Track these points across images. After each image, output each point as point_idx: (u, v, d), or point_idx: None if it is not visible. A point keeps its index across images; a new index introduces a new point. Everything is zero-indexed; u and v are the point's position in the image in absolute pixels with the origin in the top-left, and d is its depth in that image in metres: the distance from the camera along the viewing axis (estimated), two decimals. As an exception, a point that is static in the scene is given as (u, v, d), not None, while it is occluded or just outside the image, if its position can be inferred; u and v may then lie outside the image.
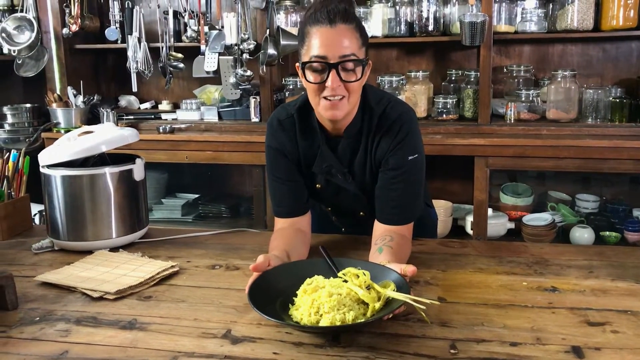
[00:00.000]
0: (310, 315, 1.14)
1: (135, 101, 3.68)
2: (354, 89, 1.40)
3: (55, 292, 1.37)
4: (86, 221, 1.65)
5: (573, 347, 1.08)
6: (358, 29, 1.40)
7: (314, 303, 1.15)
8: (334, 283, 1.21)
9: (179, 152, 3.09)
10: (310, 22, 1.40)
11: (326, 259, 1.37)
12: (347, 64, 1.37)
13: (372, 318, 1.14)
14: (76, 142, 1.65)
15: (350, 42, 1.37)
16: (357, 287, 1.18)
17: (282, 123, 1.56)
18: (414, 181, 1.51)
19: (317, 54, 1.37)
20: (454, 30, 2.93)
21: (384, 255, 1.36)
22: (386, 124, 1.48)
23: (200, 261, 1.58)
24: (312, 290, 1.19)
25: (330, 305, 1.13)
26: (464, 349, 1.08)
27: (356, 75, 1.39)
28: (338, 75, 1.37)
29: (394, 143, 1.47)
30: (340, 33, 1.37)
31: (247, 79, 3.12)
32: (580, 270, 1.47)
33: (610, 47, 3.08)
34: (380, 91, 1.58)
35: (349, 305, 1.16)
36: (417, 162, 1.49)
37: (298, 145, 1.55)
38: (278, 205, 1.61)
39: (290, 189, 1.59)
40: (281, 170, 1.58)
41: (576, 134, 2.75)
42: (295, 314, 1.17)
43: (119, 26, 3.29)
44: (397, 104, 1.51)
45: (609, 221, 2.96)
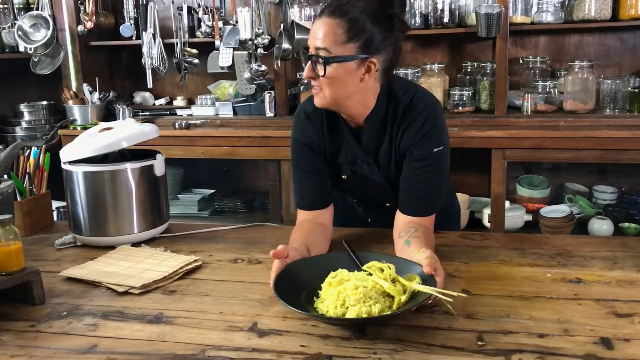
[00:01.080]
0: (336, 308, 1.14)
1: (150, 97, 3.69)
2: (326, 83, 1.39)
3: (80, 287, 1.39)
4: (108, 217, 1.66)
5: (601, 338, 1.08)
6: (347, 24, 1.36)
7: (339, 296, 1.16)
8: (359, 276, 1.21)
9: (195, 147, 3.10)
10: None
11: (349, 253, 1.37)
12: (315, 57, 1.38)
13: (398, 310, 1.14)
14: (97, 138, 1.66)
15: (328, 36, 1.36)
16: (382, 280, 1.18)
17: (310, 116, 1.57)
18: (438, 173, 1.51)
19: (308, 43, 1.42)
20: (469, 22, 2.91)
21: (415, 246, 1.35)
22: (412, 114, 1.48)
23: (222, 255, 1.58)
24: (338, 283, 1.19)
25: (356, 298, 1.14)
26: (491, 340, 1.08)
27: (319, 71, 1.38)
28: (312, 65, 1.39)
29: (419, 134, 1.46)
30: (322, 25, 1.38)
31: (261, 73, 3.12)
32: (604, 261, 1.46)
33: (628, 36, 3.04)
34: (406, 81, 1.57)
35: (375, 297, 1.16)
36: (442, 154, 1.49)
37: (325, 137, 1.56)
38: (302, 198, 1.61)
39: (316, 183, 1.59)
40: (307, 163, 1.59)
41: (594, 125, 2.73)
42: (321, 306, 1.18)
43: (133, 23, 3.30)
44: (424, 95, 1.50)
45: (628, 212, 2.94)
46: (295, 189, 1.64)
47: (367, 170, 1.57)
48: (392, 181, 1.57)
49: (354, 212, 1.81)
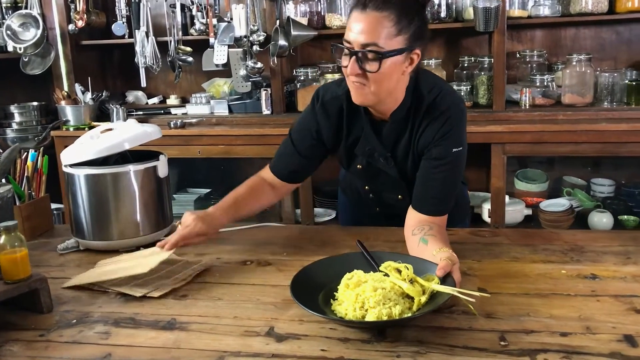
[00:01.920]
0: (355, 310, 1.12)
1: (142, 96, 3.64)
2: (374, 79, 1.36)
3: (88, 293, 1.36)
4: (111, 220, 1.63)
5: (625, 335, 1.07)
6: (395, 16, 1.33)
7: (358, 298, 1.14)
8: (376, 277, 1.19)
9: (191, 147, 3.06)
10: (353, 3, 1.39)
11: (364, 253, 1.35)
12: (368, 54, 1.34)
13: (420, 312, 1.12)
14: (99, 140, 1.62)
15: (378, 31, 1.32)
16: (401, 281, 1.16)
17: (327, 106, 1.56)
18: (455, 173, 1.50)
19: (346, 37, 1.36)
20: (466, 17, 2.90)
21: (433, 244, 1.34)
22: (434, 113, 1.46)
23: (230, 257, 1.56)
24: (355, 285, 1.17)
25: (375, 300, 1.12)
26: (513, 340, 1.07)
27: (372, 67, 1.34)
28: (358, 63, 1.35)
29: (439, 134, 1.45)
30: (369, 20, 1.33)
31: (257, 71, 3.08)
32: (617, 256, 1.45)
33: (624, 29, 3.04)
34: (433, 78, 1.55)
35: (394, 299, 1.14)
36: (460, 154, 1.48)
37: (341, 127, 1.55)
38: (280, 165, 1.66)
39: (300, 162, 1.63)
40: (304, 144, 1.61)
41: (593, 118, 2.73)
42: (339, 309, 1.16)
43: (125, 21, 3.25)
44: (448, 94, 1.48)
45: (626, 205, 2.94)
46: (279, 153, 1.67)
47: (382, 164, 1.56)
48: (406, 176, 1.56)
49: (363, 200, 1.80)
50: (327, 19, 3.06)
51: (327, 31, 3.06)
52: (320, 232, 1.79)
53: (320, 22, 3.08)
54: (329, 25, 3.05)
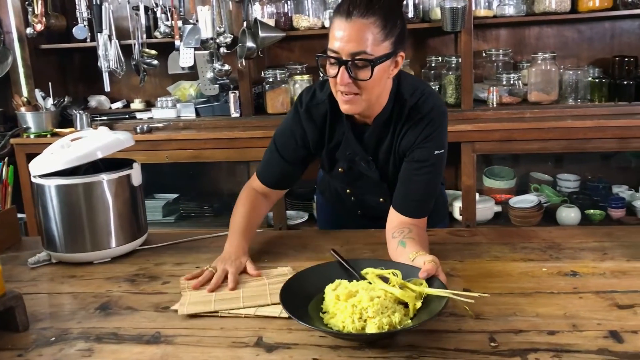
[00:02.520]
0: (353, 322, 1.09)
1: (105, 101, 3.55)
2: (366, 87, 1.36)
3: (65, 309, 1.31)
4: (84, 231, 1.58)
5: (610, 332, 1.09)
6: (381, 22, 1.31)
7: (354, 309, 1.11)
8: (365, 286, 1.18)
9: (158, 152, 3.00)
10: (335, 10, 1.37)
11: (341, 262, 1.33)
12: (358, 62, 1.32)
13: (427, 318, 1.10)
14: (70, 149, 1.57)
15: (365, 38, 1.30)
16: (393, 287, 1.16)
17: (311, 111, 1.54)
18: (436, 175, 1.50)
19: (332, 47, 1.34)
20: (433, 17, 2.92)
21: (411, 247, 1.34)
22: (416, 116, 1.46)
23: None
24: (347, 296, 1.14)
25: (374, 310, 1.09)
26: (503, 341, 1.07)
27: (366, 74, 1.33)
28: (348, 72, 1.33)
29: (422, 136, 1.45)
30: (356, 28, 1.30)
31: (225, 73, 3.05)
32: (594, 252, 1.48)
33: (585, 28, 3.12)
34: (416, 81, 1.54)
35: (391, 307, 1.13)
36: (441, 157, 1.48)
37: (325, 132, 1.54)
38: (267, 173, 1.64)
39: (286, 167, 1.61)
40: (289, 150, 1.58)
41: (559, 115, 2.79)
42: (334, 322, 1.12)
43: (87, 24, 3.17)
44: (430, 98, 1.48)
45: (592, 199, 3.01)
46: (265, 160, 1.65)
47: (364, 167, 1.56)
48: (388, 179, 1.56)
49: (345, 204, 1.79)
50: (294, 20, 3.04)
51: (295, 32, 3.04)
52: (300, 236, 1.78)
53: (288, 23, 3.06)
54: (297, 26, 3.04)
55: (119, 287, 1.42)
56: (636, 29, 3.09)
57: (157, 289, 1.40)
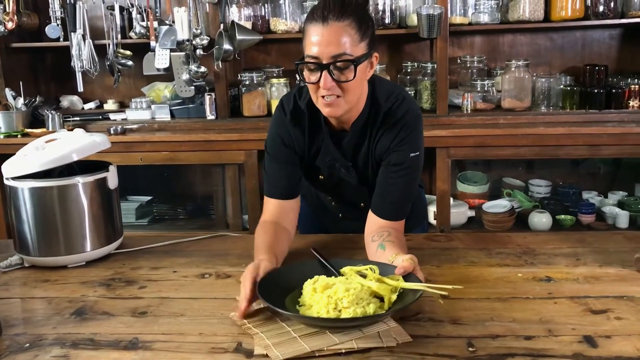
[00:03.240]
0: (328, 312, 1.12)
1: (78, 101, 3.50)
2: (348, 88, 1.37)
3: (39, 314, 1.28)
4: (59, 235, 1.55)
5: (585, 336, 1.11)
6: (356, 24, 1.34)
7: (330, 299, 1.13)
8: (342, 280, 1.20)
9: (132, 153, 2.96)
10: (308, 18, 1.37)
11: (321, 261, 1.34)
12: (340, 64, 1.34)
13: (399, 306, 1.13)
14: (45, 151, 1.54)
15: (344, 40, 1.33)
16: (370, 281, 1.17)
17: (295, 116, 1.53)
18: (413, 178, 1.51)
19: (310, 53, 1.35)
20: (409, 23, 2.95)
21: (390, 250, 1.35)
22: (391, 121, 1.47)
23: (187, 270, 1.51)
24: (324, 288, 1.17)
25: (349, 300, 1.12)
26: (481, 346, 1.09)
27: (348, 75, 1.35)
28: (331, 75, 1.34)
29: (397, 140, 1.46)
30: (333, 32, 1.32)
31: (201, 75, 3.03)
32: (567, 258, 1.51)
33: (557, 36, 3.18)
34: (390, 86, 1.55)
35: (367, 299, 1.15)
36: (417, 159, 1.49)
37: (304, 140, 1.54)
38: (272, 185, 1.58)
39: (287, 171, 1.57)
40: (282, 155, 1.56)
41: (532, 122, 2.84)
42: (309, 313, 1.15)
43: (60, 23, 3.11)
44: (405, 102, 1.50)
45: (563, 205, 3.07)
46: (267, 177, 1.60)
47: (344, 173, 1.57)
48: (368, 183, 1.57)
49: (326, 207, 1.80)
50: (271, 23, 3.04)
51: (272, 35, 3.04)
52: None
53: (265, 26, 3.05)
54: (274, 29, 3.03)
55: (95, 291, 1.40)
56: (606, 39, 3.17)
57: (133, 294, 1.38)
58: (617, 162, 3.29)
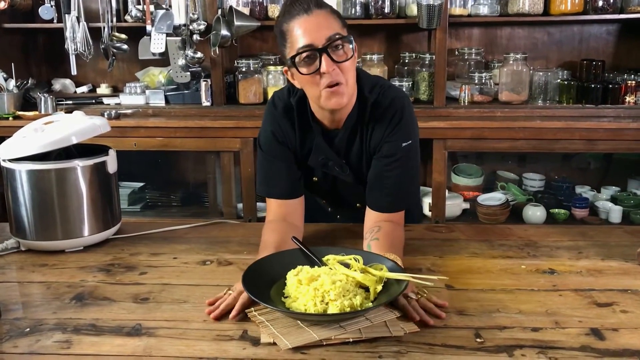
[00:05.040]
0: (315, 305, 1.11)
1: (71, 85, 3.44)
2: (348, 68, 1.36)
3: (39, 299, 1.26)
4: (56, 219, 1.52)
5: (592, 329, 1.11)
6: (333, 12, 1.38)
7: (316, 292, 1.12)
8: (327, 271, 1.19)
9: (126, 139, 2.92)
10: (285, 19, 1.37)
11: (302, 249, 1.32)
12: (336, 43, 1.33)
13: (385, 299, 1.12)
14: (44, 133, 1.51)
15: (331, 23, 1.35)
16: (354, 272, 1.17)
17: (287, 111, 1.51)
18: (409, 168, 1.49)
19: (303, 44, 1.33)
20: (408, 13, 2.93)
21: (375, 250, 1.34)
22: (379, 111, 1.45)
23: (187, 257, 1.50)
24: (309, 280, 1.16)
25: (336, 293, 1.12)
26: (489, 337, 1.08)
27: (347, 54, 1.35)
28: (330, 57, 1.32)
29: (387, 130, 1.44)
30: (319, 17, 1.34)
31: (197, 61, 2.99)
32: (569, 251, 1.51)
33: (555, 30, 3.18)
34: (373, 78, 1.54)
35: (353, 290, 1.15)
36: (411, 148, 1.47)
37: (296, 134, 1.51)
38: (273, 186, 1.54)
39: (287, 170, 1.53)
40: (278, 152, 1.53)
41: (529, 115, 2.84)
42: (295, 306, 1.13)
43: (54, 4, 3.06)
44: (390, 90, 1.48)
45: (557, 198, 3.08)
46: (264, 177, 1.56)
47: (338, 172, 1.54)
48: (363, 181, 1.54)
49: (323, 210, 1.77)
50: (269, 9, 3.01)
51: (270, 22, 3.00)
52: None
53: (263, 12, 3.02)
54: (272, 16, 3.00)
55: (94, 277, 1.38)
56: (603, 34, 3.18)
57: (134, 280, 1.36)
58: (608, 157, 3.31)
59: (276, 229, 1.47)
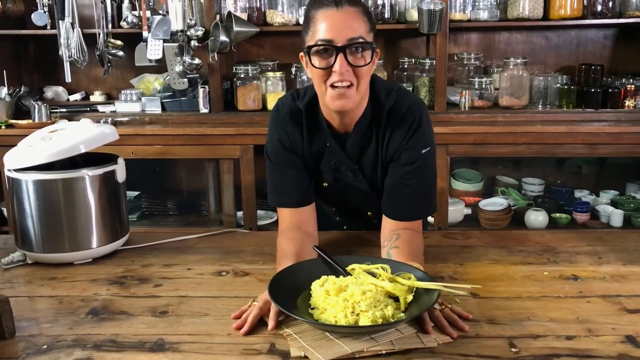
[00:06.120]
0: (346, 317, 1.08)
1: (63, 92, 3.38)
2: (363, 74, 1.32)
3: (52, 314, 1.21)
4: (64, 230, 1.48)
5: (627, 336, 1.09)
6: (365, 13, 1.33)
7: (346, 303, 1.09)
8: (354, 281, 1.16)
9: (123, 147, 2.84)
10: (315, 6, 1.33)
11: (326, 258, 1.29)
12: (356, 47, 1.29)
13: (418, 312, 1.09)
14: (52, 142, 1.47)
15: (358, 24, 1.30)
16: (383, 281, 1.14)
17: (293, 116, 1.47)
18: (428, 175, 1.46)
19: (323, 37, 1.29)
20: (408, 18, 2.91)
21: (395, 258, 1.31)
22: (397, 117, 1.42)
23: (202, 268, 1.46)
24: (338, 290, 1.12)
25: (367, 304, 1.08)
26: (523, 346, 1.06)
27: (365, 59, 1.31)
28: (346, 59, 1.29)
29: (407, 137, 1.42)
30: (348, 15, 1.29)
31: (195, 67, 2.94)
32: (589, 256, 1.49)
33: (553, 35, 3.19)
34: (388, 83, 1.51)
35: (384, 301, 1.12)
36: (429, 155, 1.45)
37: (304, 140, 1.48)
38: (284, 194, 1.50)
39: (296, 176, 1.49)
40: (287, 159, 1.49)
41: (530, 120, 2.83)
42: (324, 317, 1.10)
43: (47, 10, 3.00)
44: (407, 96, 1.45)
45: (557, 203, 3.08)
46: (273, 187, 1.52)
47: (351, 177, 1.51)
48: (376, 187, 1.51)
49: (330, 220, 1.73)
50: (268, 15, 2.98)
51: (268, 28, 2.98)
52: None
53: (261, 18, 2.99)
54: (270, 22, 2.97)
55: (107, 290, 1.34)
56: (600, 38, 3.19)
57: (149, 292, 1.32)
58: (602, 161, 3.31)
59: (293, 237, 1.43)
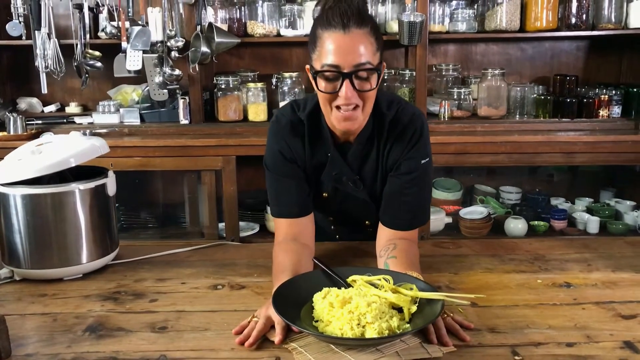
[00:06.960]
0: (352, 329, 1.07)
1: (37, 104, 3.32)
2: (369, 97, 1.33)
3: (48, 332, 1.18)
4: (52, 246, 1.45)
5: (625, 342, 1.11)
6: (373, 31, 1.30)
7: (352, 315, 1.09)
8: (357, 292, 1.16)
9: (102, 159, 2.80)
10: (322, 25, 1.30)
11: (325, 270, 1.29)
12: (362, 73, 1.28)
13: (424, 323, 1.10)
14: (41, 155, 1.43)
15: (365, 48, 1.27)
16: (386, 293, 1.15)
17: (294, 126, 1.47)
18: (425, 185, 1.48)
19: (330, 62, 1.27)
20: (388, 30, 2.95)
21: (393, 268, 1.32)
22: (398, 128, 1.44)
23: (196, 282, 1.44)
24: (342, 303, 1.12)
25: (372, 315, 1.09)
26: (526, 354, 1.07)
27: (371, 84, 1.30)
28: (352, 84, 1.28)
29: (407, 147, 1.43)
30: (355, 39, 1.27)
31: (175, 78, 2.92)
32: (579, 264, 1.52)
33: (528, 46, 3.26)
34: (388, 94, 1.53)
35: (388, 312, 1.12)
36: (428, 166, 1.46)
37: (306, 150, 1.47)
38: (283, 205, 1.49)
39: (296, 186, 1.48)
40: (288, 170, 1.48)
41: (508, 129, 2.88)
42: (330, 329, 1.10)
43: (22, 20, 2.94)
44: (408, 107, 1.47)
45: (535, 211, 3.14)
46: (273, 198, 1.51)
47: (351, 187, 1.51)
48: (376, 197, 1.52)
49: (323, 230, 1.73)
50: (249, 26, 2.98)
51: (249, 39, 2.97)
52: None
53: (242, 29, 2.98)
54: (251, 33, 2.97)
55: (102, 306, 1.31)
56: (574, 50, 3.27)
57: (146, 308, 1.30)
58: (574, 169, 3.39)
59: (289, 249, 1.42)
